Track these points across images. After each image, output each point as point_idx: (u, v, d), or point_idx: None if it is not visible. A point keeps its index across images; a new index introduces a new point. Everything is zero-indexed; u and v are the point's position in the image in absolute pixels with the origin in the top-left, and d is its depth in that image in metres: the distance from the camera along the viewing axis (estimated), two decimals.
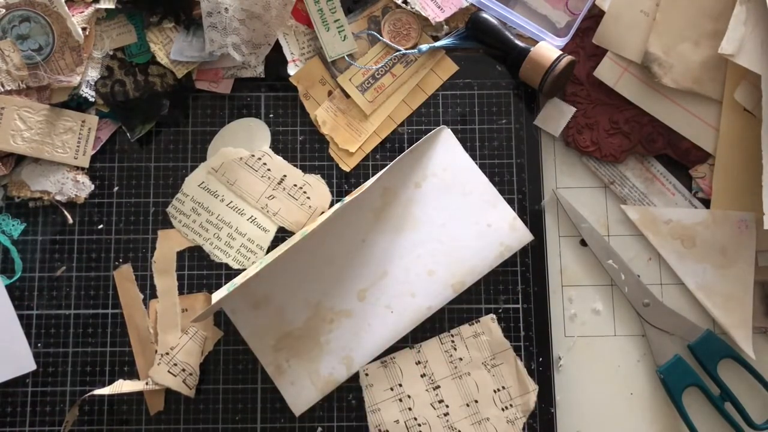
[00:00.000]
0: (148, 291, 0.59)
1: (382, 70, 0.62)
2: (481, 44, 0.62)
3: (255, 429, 0.58)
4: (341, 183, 0.61)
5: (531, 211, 0.60)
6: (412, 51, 0.61)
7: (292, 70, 0.62)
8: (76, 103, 0.61)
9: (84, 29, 0.60)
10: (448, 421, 0.57)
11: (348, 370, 0.58)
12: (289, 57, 0.62)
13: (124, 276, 0.60)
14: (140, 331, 0.59)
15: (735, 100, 0.59)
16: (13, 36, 0.59)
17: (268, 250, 0.60)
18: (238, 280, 0.57)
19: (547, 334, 0.58)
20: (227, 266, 0.60)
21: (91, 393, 0.57)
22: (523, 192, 0.60)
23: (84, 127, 0.60)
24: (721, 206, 0.59)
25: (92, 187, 0.61)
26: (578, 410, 0.58)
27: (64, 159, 0.60)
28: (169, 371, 0.57)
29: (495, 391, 0.57)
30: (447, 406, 0.57)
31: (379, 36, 0.62)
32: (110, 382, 0.58)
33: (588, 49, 0.61)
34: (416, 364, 0.58)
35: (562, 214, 0.61)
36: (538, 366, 0.58)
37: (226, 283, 0.59)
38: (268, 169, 0.61)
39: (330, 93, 0.62)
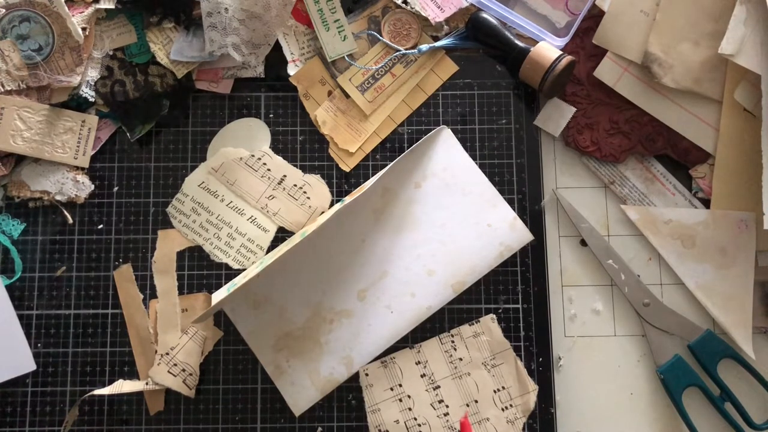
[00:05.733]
0: (148, 291, 0.59)
1: (382, 70, 0.62)
2: (481, 44, 0.62)
3: (255, 429, 0.58)
4: (341, 183, 0.61)
5: (531, 211, 0.60)
6: (412, 51, 0.61)
7: (292, 70, 0.62)
8: (76, 103, 0.61)
9: (84, 29, 0.60)
10: (448, 421, 0.57)
11: (348, 370, 0.58)
12: (289, 57, 0.62)
13: (124, 276, 0.60)
14: (140, 331, 0.59)
15: (735, 100, 0.59)
16: (13, 36, 0.59)
17: (268, 250, 0.60)
18: (238, 281, 0.57)
19: (547, 334, 0.58)
20: (227, 266, 0.60)
21: (91, 393, 0.57)
22: (523, 192, 0.60)
23: (84, 127, 0.60)
24: (721, 206, 0.59)
25: (92, 187, 0.61)
26: (578, 410, 0.58)
27: (64, 159, 0.60)
28: (169, 371, 0.57)
29: (495, 391, 0.57)
30: (447, 406, 0.57)
31: (379, 36, 0.62)
32: (110, 382, 0.58)
33: (588, 49, 0.61)
34: (416, 364, 0.58)
35: (562, 214, 0.61)
36: (538, 366, 0.58)
37: (226, 283, 0.59)
38: (268, 169, 0.61)
39: (330, 93, 0.62)
